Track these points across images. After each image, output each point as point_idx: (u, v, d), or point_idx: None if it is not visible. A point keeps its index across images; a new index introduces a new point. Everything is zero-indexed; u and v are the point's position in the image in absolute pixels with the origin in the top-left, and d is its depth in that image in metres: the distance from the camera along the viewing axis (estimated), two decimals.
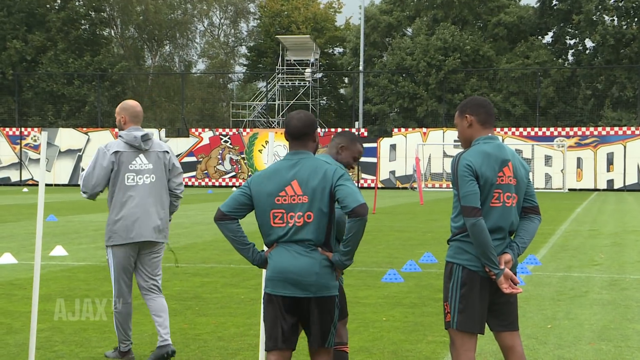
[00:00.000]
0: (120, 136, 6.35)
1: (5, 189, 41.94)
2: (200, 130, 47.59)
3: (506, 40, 53.50)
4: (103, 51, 56.73)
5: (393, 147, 44.89)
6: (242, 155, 46.06)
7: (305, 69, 53.03)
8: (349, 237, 4.25)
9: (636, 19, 50.87)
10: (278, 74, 53.03)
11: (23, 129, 48.05)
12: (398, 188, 44.34)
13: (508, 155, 4.55)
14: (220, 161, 46.35)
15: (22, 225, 18.33)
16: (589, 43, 52.73)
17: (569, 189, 42.02)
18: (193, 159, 46.42)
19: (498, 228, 4.48)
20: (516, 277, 4.50)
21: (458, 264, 4.50)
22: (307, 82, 52.69)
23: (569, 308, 8.56)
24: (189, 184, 46.24)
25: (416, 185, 42.82)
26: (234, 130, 47.36)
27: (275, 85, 52.91)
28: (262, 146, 45.55)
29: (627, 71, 49.07)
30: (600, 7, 50.47)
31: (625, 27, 50.29)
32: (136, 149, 6.28)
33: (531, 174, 40.98)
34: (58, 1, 57.84)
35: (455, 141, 43.57)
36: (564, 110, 50.65)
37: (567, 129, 43.87)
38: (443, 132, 44.58)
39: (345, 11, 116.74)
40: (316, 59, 54.32)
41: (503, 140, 41.25)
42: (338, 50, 63.45)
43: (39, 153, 6.68)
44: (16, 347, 6.63)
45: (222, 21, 68.14)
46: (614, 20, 50.97)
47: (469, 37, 51.54)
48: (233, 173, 46.18)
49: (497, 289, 4.50)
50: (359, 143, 5.39)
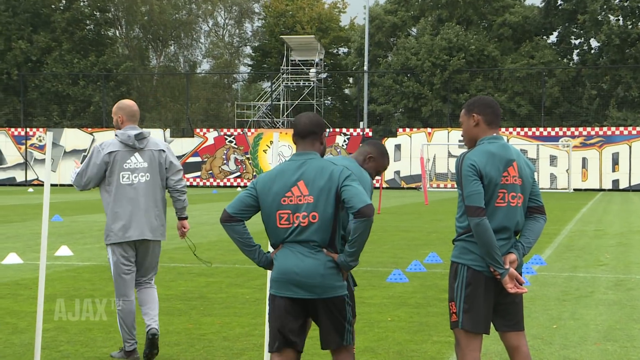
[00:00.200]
0: (116, 135, 6.41)
1: (10, 189, 42.02)
2: (205, 130, 47.62)
3: (511, 40, 53.42)
4: (108, 51, 56.79)
5: (398, 147, 44.86)
6: (247, 155, 46.07)
7: (309, 69, 53.03)
8: (355, 238, 4.22)
9: None
10: (283, 74, 53.03)
11: (28, 129, 48.14)
12: (403, 188, 44.31)
13: (513, 155, 4.54)
14: (225, 161, 46.37)
15: (28, 225, 18.35)
16: (594, 43, 52.63)
17: (574, 189, 41.95)
18: (198, 159, 46.45)
19: (503, 228, 4.48)
20: (521, 277, 4.49)
21: (463, 264, 4.49)
22: (312, 82, 52.68)
23: (575, 308, 8.54)
24: (194, 184, 46.28)
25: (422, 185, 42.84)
26: (239, 130, 47.37)
27: (279, 85, 52.91)
28: (267, 146, 45.56)
29: (633, 71, 48.97)
30: (605, 7, 50.35)
31: (630, 27, 50.17)
32: (131, 148, 6.35)
33: (536, 174, 40.85)
34: (63, 1, 57.94)
35: (460, 141, 43.52)
36: (569, 110, 50.56)
37: (572, 129, 43.78)
38: (448, 132, 44.54)
39: (349, 11, 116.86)
40: (321, 59, 54.32)
41: (508, 140, 41.19)
42: (343, 50, 63.43)
43: (44, 153, 6.75)
44: (22, 347, 6.64)
45: (227, 21, 68.21)
46: (619, 20, 50.85)
47: (474, 37, 51.48)
48: (238, 173, 46.20)
49: (503, 289, 4.49)
50: (388, 158, 5.35)
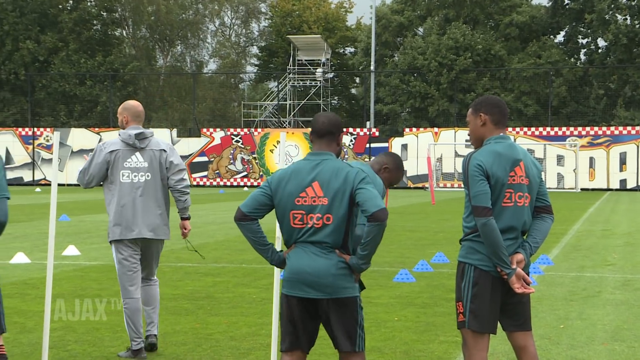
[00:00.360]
0: (118, 134, 6.51)
1: (18, 189, 42.14)
2: (211, 130, 47.66)
3: (518, 39, 53.32)
4: (115, 51, 56.90)
5: (404, 147, 44.82)
6: (254, 155, 46.10)
7: (316, 69, 53.03)
8: (367, 241, 4.22)
9: None
10: (289, 74, 53.04)
11: (36, 129, 48.26)
12: (410, 188, 44.28)
13: (519, 154, 4.54)
14: (231, 161, 46.41)
15: (35, 225, 18.39)
16: (602, 42, 52.50)
17: (582, 189, 41.85)
18: (205, 159, 46.49)
19: (510, 228, 4.47)
20: (529, 277, 4.48)
21: (470, 264, 4.49)
22: (318, 82, 52.68)
23: (582, 308, 8.52)
24: (201, 184, 46.33)
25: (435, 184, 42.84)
26: (246, 130, 47.41)
27: (286, 85, 52.93)
28: (274, 146, 45.58)
29: None
30: (612, 6, 50.23)
31: (638, 26, 50.03)
32: (132, 147, 6.42)
33: (543, 174, 40.72)
34: (70, 2, 58.07)
35: (466, 140, 43.46)
36: (576, 109, 50.44)
37: (580, 129, 43.68)
38: (454, 132, 44.48)
39: (356, 11, 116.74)
40: (327, 59, 54.30)
41: (515, 140, 41.09)
42: (349, 50, 63.42)
43: (52, 153, 6.78)
44: (29, 346, 6.66)
45: (234, 21, 68.26)
46: (627, 19, 50.72)
47: (481, 37, 51.40)
48: (244, 173, 46.23)
49: (510, 289, 4.49)
50: (402, 172, 5.35)
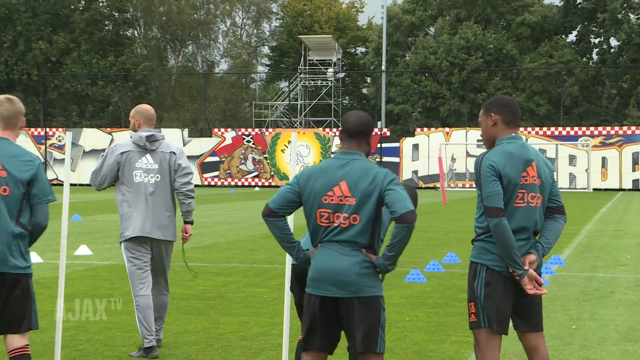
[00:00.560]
0: (130, 136, 6.64)
1: None
2: (222, 130, 47.74)
3: (530, 39, 53.16)
4: (126, 51, 57.06)
5: (416, 147, 44.77)
6: (265, 155, 46.14)
7: (327, 69, 53.04)
8: (395, 243, 4.23)
9: None
10: (300, 74, 53.07)
11: (48, 129, 48.46)
12: (421, 188, 44.21)
13: (532, 155, 4.53)
14: (242, 161, 46.46)
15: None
16: (614, 42, 52.27)
17: (594, 189, 41.67)
18: (216, 159, 46.57)
19: (522, 228, 4.46)
20: (540, 278, 4.47)
21: (482, 264, 4.48)
22: (330, 82, 52.68)
23: (594, 309, 8.49)
24: (212, 184, 46.41)
25: (452, 184, 42.81)
26: (257, 130, 47.46)
27: (297, 85, 52.95)
28: (285, 146, 45.60)
29: None
30: (625, 5, 50.00)
31: None
32: (142, 149, 6.55)
33: (555, 174, 40.69)
34: (82, 2, 58.29)
35: (478, 140, 43.35)
36: (589, 109, 50.24)
37: (592, 128, 43.51)
38: (466, 132, 44.38)
39: (367, 11, 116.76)
40: (338, 59, 54.29)
41: (527, 139, 40.96)
42: (360, 50, 63.39)
43: (64, 153, 6.78)
44: (42, 346, 6.68)
45: (245, 21, 68.32)
46: None
47: (492, 36, 51.28)
48: (256, 173, 46.28)
49: (522, 289, 4.48)
50: (416, 205, 5.35)
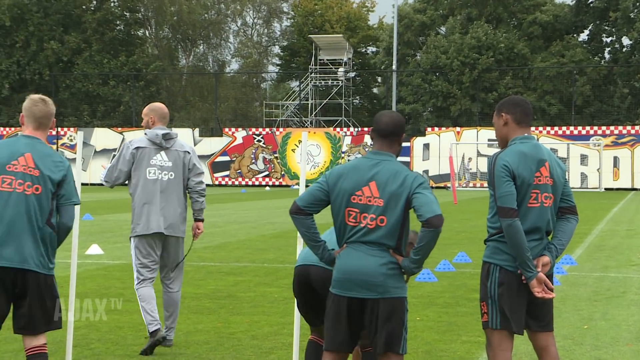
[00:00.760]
0: (144, 133, 6.71)
1: None
2: (233, 129, 47.80)
3: (541, 38, 52.98)
4: (137, 51, 57.20)
5: (426, 147, 44.70)
6: (275, 154, 46.17)
7: (338, 69, 53.02)
8: (421, 246, 4.22)
9: None
10: (311, 74, 53.07)
11: (59, 129, 48.65)
12: (432, 187, 44.14)
13: (545, 155, 4.52)
14: (253, 160, 46.51)
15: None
16: (626, 41, 52.02)
17: (605, 189, 41.51)
18: (226, 159, 46.63)
19: (536, 229, 4.45)
20: (550, 282, 4.44)
21: (495, 264, 4.48)
22: (340, 82, 52.65)
23: (606, 309, 8.46)
24: (222, 183, 46.48)
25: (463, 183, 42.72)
26: (267, 129, 47.50)
27: (308, 84, 52.95)
28: (295, 145, 45.61)
29: None
30: (637, 4, 49.75)
31: None
32: (157, 146, 6.62)
33: (567, 174, 40.33)
34: (94, 2, 58.49)
35: (489, 140, 43.27)
36: (600, 108, 50.02)
37: (604, 128, 43.34)
38: (477, 132, 44.26)
39: (378, 10, 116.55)
40: (349, 59, 54.25)
41: (538, 139, 40.84)
42: (371, 49, 63.33)
43: (75, 153, 6.83)
44: (53, 345, 6.70)
45: (256, 21, 68.39)
46: None
47: (503, 35, 51.13)
48: (266, 172, 46.32)
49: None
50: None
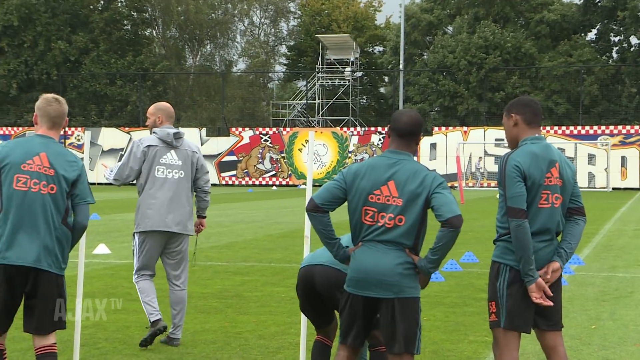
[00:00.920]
0: (154, 132, 6.75)
1: None
2: (240, 129, 47.84)
3: (549, 38, 52.87)
4: (145, 51, 57.31)
5: (433, 146, 44.66)
6: (282, 154, 46.19)
7: (345, 68, 53.01)
8: (439, 246, 4.23)
9: None
10: (318, 73, 53.07)
11: (67, 129, 48.76)
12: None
13: (555, 155, 4.53)
14: (260, 160, 46.54)
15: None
16: (634, 40, 51.90)
17: (613, 188, 41.40)
18: (233, 158, 46.67)
19: (546, 230, 4.45)
20: (549, 290, 4.42)
21: (506, 264, 4.48)
22: (347, 81, 52.64)
23: (614, 309, 8.43)
24: (229, 183, 46.52)
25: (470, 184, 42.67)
26: (274, 129, 47.52)
27: (315, 84, 52.96)
28: (302, 145, 45.63)
29: None
30: None
31: None
32: (168, 145, 6.69)
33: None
34: (101, 2, 58.61)
35: (496, 140, 43.20)
36: (608, 108, 49.90)
37: (611, 127, 43.22)
38: (484, 131, 44.19)
39: (385, 10, 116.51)
40: (356, 58, 54.23)
41: (545, 139, 40.71)
42: (378, 49, 63.30)
43: (83, 152, 6.83)
44: (61, 344, 6.72)
45: (263, 20, 68.45)
46: None
47: (511, 35, 51.04)
48: (273, 172, 46.34)
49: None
50: None
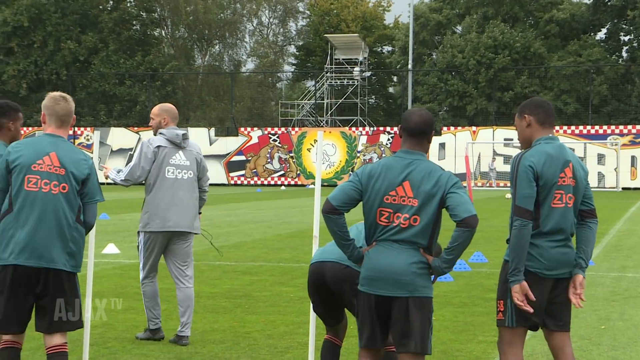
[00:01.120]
0: (161, 133, 6.83)
1: None
2: (249, 129, 47.88)
3: (558, 37, 52.72)
4: (154, 51, 57.41)
5: (442, 146, 44.59)
6: (291, 154, 46.21)
7: (353, 68, 52.98)
8: (454, 246, 4.22)
9: None
10: (327, 73, 53.06)
11: (76, 129, 48.90)
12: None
13: (569, 156, 4.54)
14: (269, 160, 46.56)
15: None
16: None
17: (623, 188, 41.25)
18: (242, 158, 46.71)
19: (560, 229, 4.45)
20: (531, 295, 4.39)
21: None
22: (356, 81, 52.61)
23: (624, 309, 8.40)
24: (238, 183, 46.57)
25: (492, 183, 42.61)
26: (283, 129, 47.54)
27: (323, 84, 52.95)
28: (311, 145, 45.63)
29: None
30: None
31: None
32: (176, 146, 6.80)
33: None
34: (110, 2, 58.76)
35: (505, 139, 43.11)
36: (618, 107, 49.71)
37: (621, 127, 43.07)
38: (493, 131, 44.11)
39: (394, 9, 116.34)
40: (365, 58, 54.19)
41: (558, 139, 40.56)
42: (387, 48, 63.26)
43: (92, 152, 6.85)
44: (70, 343, 6.73)
45: (271, 20, 68.49)
46: None
47: (520, 34, 50.92)
48: (282, 172, 46.36)
49: (557, 289, 4.50)
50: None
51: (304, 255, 12.59)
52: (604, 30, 53.80)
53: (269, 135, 46.68)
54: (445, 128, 45.75)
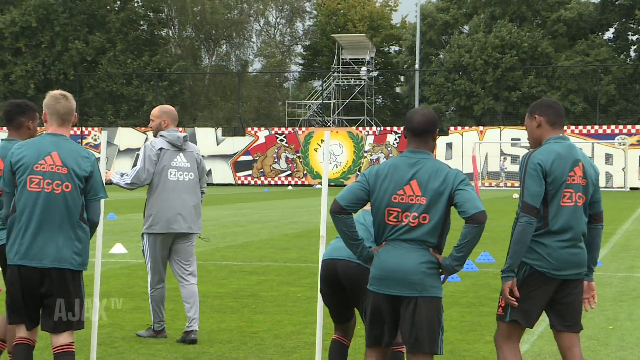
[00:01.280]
0: (162, 136, 6.89)
1: None
2: (256, 129, 47.90)
3: (566, 37, 52.60)
4: (161, 51, 57.49)
5: (449, 146, 44.52)
6: (298, 154, 46.21)
7: (360, 68, 52.97)
8: (464, 243, 4.23)
9: None
10: (334, 73, 53.06)
11: (84, 129, 49.02)
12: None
13: (579, 155, 4.55)
14: (276, 160, 46.58)
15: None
16: None
17: (631, 188, 41.13)
18: (249, 158, 46.74)
19: (570, 228, 4.44)
20: (517, 292, 4.44)
21: (525, 263, 4.49)
22: (363, 81, 52.59)
23: (632, 309, 8.38)
24: (245, 183, 46.60)
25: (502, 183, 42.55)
26: (290, 129, 47.54)
27: (330, 84, 52.95)
28: (318, 145, 45.63)
29: None
30: None
31: None
32: (177, 148, 6.88)
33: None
34: (118, 2, 58.87)
35: (512, 139, 43.03)
36: (626, 107, 49.58)
37: (629, 127, 42.94)
38: (500, 131, 44.03)
39: (401, 9, 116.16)
40: (372, 58, 54.16)
41: (569, 139, 40.47)
42: (394, 48, 63.20)
43: (99, 152, 6.88)
44: (78, 343, 6.75)
45: (278, 20, 68.50)
46: None
47: (527, 34, 50.82)
48: (289, 172, 46.37)
49: (565, 289, 4.50)
50: None
51: (311, 255, 12.59)
52: (612, 29, 53.67)
53: (276, 135, 46.70)
54: (452, 128, 45.69)
